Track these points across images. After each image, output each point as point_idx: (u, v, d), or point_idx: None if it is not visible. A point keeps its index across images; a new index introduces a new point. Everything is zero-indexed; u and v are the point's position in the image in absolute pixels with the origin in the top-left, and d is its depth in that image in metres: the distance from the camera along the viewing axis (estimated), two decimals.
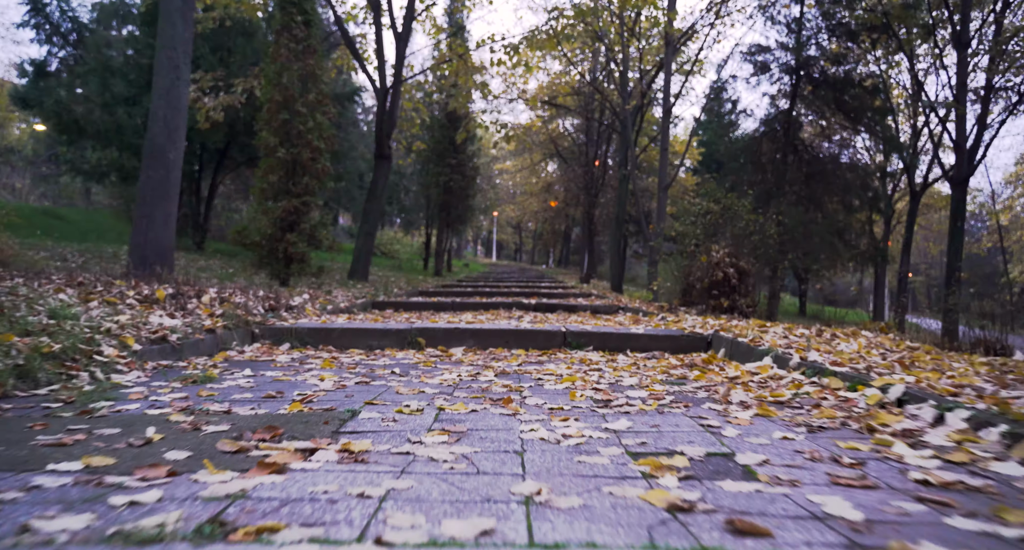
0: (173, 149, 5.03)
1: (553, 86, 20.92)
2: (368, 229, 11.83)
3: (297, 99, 7.99)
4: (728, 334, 4.20)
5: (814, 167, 15.87)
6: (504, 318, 6.09)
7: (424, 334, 4.42)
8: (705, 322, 5.53)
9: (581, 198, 21.97)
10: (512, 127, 13.98)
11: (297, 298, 6.71)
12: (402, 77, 12.15)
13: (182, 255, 11.15)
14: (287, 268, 8.01)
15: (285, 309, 5.00)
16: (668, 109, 11.30)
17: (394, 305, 8.10)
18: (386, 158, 12.11)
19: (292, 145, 7.96)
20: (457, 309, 8.17)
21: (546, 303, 8.32)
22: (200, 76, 10.50)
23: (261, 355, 3.76)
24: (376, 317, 5.64)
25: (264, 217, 7.75)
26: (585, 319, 6.29)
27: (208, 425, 1.79)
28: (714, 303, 7.61)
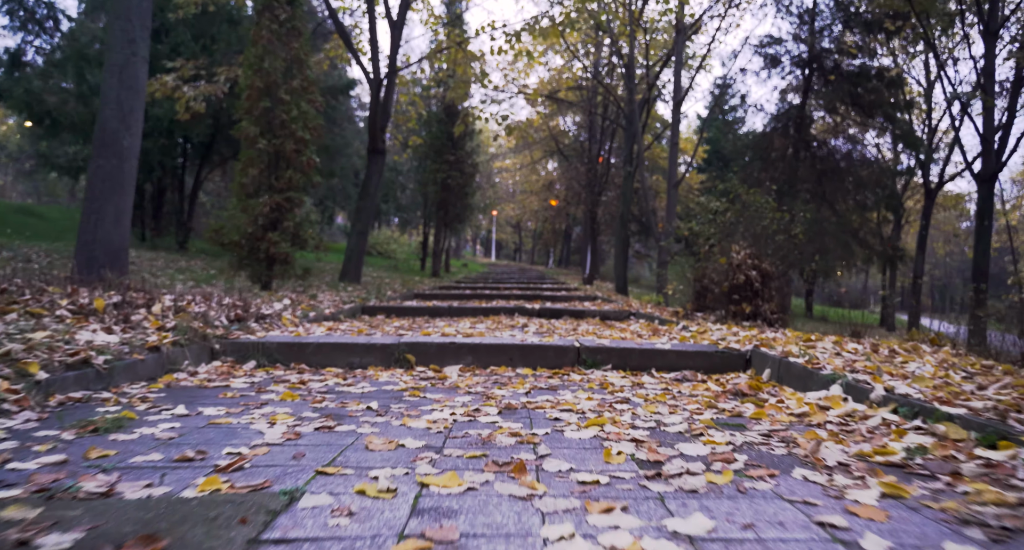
0: (128, 136, 4.38)
1: (554, 81, 20.28)
2: (361, 228, 11.18)
3: (280, 86, 7.34)
4: (771, 351, 3.55)
5: (827, 164, 15.24)
6: (506, 328, 5.45)
7: (414, 350, 3.77)
8: (732, 332, 4.89)
9: (583, 196, 21.33)
10: (514, 120, 13.34)
11: (276, 304, 6.06)
12: (397, 67, 11.49)
13: (162, 255, 10.50)
14: (269, 270, 7.36)
15: (255, 319, 4.35)
16: (678, 102, 10.65)
17: (386, 310, 7.45)
18: (380, 153, 11.46)
19: (274, 136, 7.31)
20: (454, 315, 7.53)
21: (551, 308, 7.68)
22: (181, 64, 9.85)
23: (215, 378, 3.12)
24: (361, 328, 4.99)
25: (243, 214, 7.10)
26: (596, 328, 5.65)
27: (53, 530, 1.14)
28: (735, 309, 6.96)
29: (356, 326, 5.36)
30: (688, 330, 5.16)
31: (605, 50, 18.75)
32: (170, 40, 10.78)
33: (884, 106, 14.35)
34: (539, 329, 5.35)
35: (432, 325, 5.88)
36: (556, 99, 18.91)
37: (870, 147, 19.43)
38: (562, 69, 19.44)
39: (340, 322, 6.05)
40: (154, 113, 10.38)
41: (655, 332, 5.19)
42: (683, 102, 10.77)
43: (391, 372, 3.52)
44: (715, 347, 3.85)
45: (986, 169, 10.65)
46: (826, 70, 15.41)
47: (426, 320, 6.53)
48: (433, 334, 4.47)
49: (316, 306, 6.36)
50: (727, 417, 2.36)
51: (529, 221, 36.80)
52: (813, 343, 3.94)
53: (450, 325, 5.91)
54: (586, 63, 17.81)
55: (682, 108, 28.81)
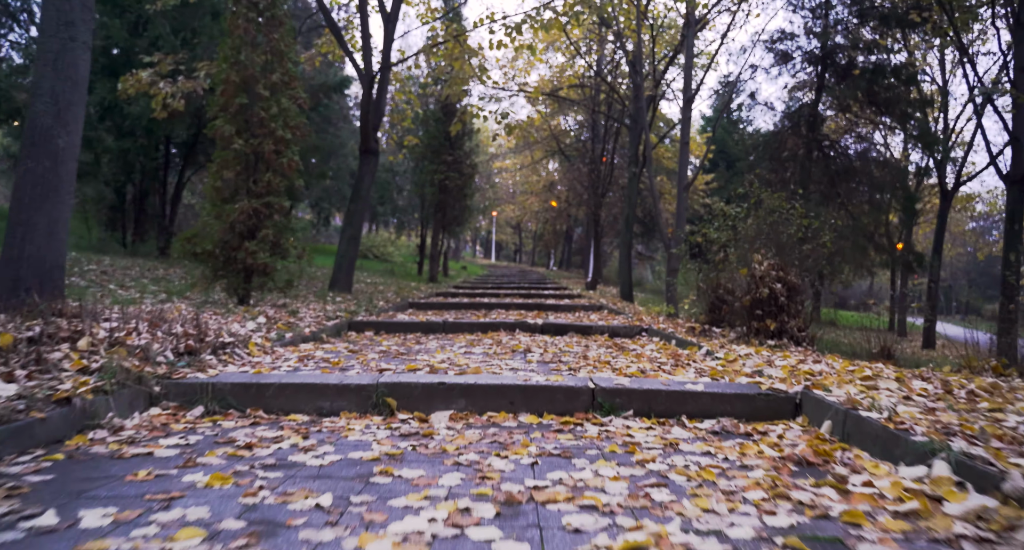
0: (64, 134, 3.74)
1: (556, 79, 19.63)
2: (352, 233, 10.54)
3: (259, 80, 6.70)
4: (828, 396, 2.91)
5: (841, 164, 14.60)
6: (507, 351, 4.81)
7: (397, 392, 3.13)
8: (765, 359, 4.26)
9: (584, 197, 20.69)
10: (514, 118, 12.71)
11: (249, 323, 5.43)
12: (390, 62, 10.86)
13: (140, 263, 9.85)
14: (247, 283, 6.72)
15: (213, 349, 3.71)
16: (689, 99, 10.01)
17: (375, 326, 6.82)
18: (373, 153, 10.82)
19: (252, 135, 6.68)
20: (449, 331, 6.89)
21: (555, 323, 7.04)
22: (159, 59, 9.20)
23: (142, 437, 2.49)
24: (337, 361, 4.35)
25: (217, 222, 6.46)
26: (607, 350, 5.00)
27: None
28: (758, 325, 6.32)
29: (338, 349, 4.72)
30: (713, 356, 4.52)
31: (609, 46, 18.11)
32: (149, 33, 10.16)
33: (901, 104, 13.72)
34: (543, 355, 4.71)
35: (423, 347, 5.25)
36: (558, 97, 18.28)
37: (881, 146, 18.81)
38: (564, 66, 18.81)
39: (321, 343, 5.42)
40: (131, 111, 9.76)
41: (676, 359, 4.55)
42: (694, 99, 10.12)
43: (366, 422, 2.89)
44: (756, 387, 3.21)
45: (1016, 170, 10.02)
46: (840, 66, 14.78)
47: (417, 340, 5.90)
48: (420, 367, 3.83)
49: (295, 325, 5.73)
50: (809, 519, 1.72)
51: (529, 222, 36.17)
52: (873, 381, 3.30)
53: (444, 347, 5.28)
54: (589, 60, 17.18)
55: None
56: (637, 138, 15.01)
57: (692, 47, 10.22)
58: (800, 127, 14.99)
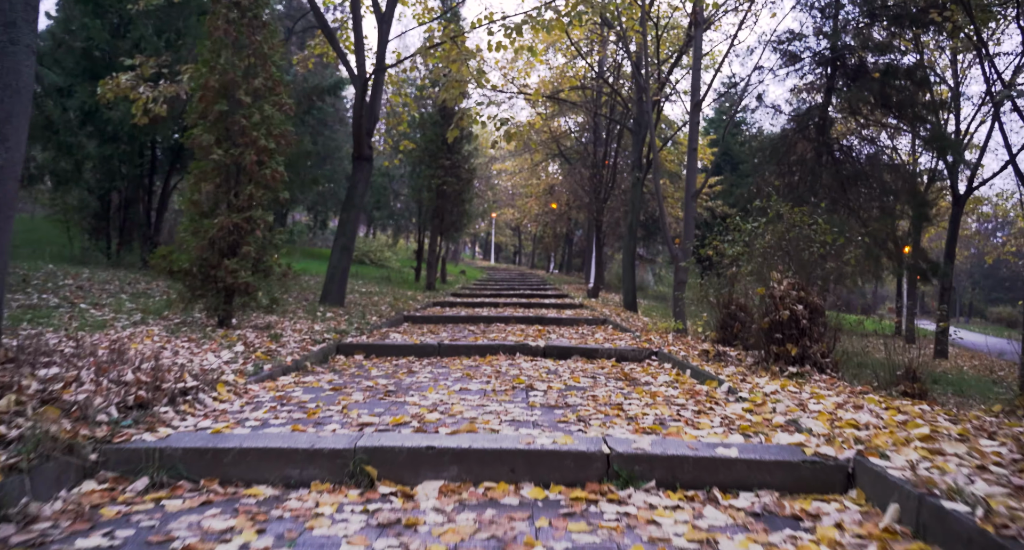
0: (3, 150, 3.27)
1: (556, 81, 19.15)
2: (345, 243, 10.07)
3: (240, 85, 6.23)
4: (891, 469, 2.44)
5: (852, 169, 14.13)
6: (507, 390, 4.33)
7: (378, 457, 2.67)
8: (798, 404, 3.79)
9: (585, 200, 20.22)
10: (513, 124, 12.24)
11: (225, 352, 4.96)
12: (385, 64, 10.39)
13: (121, 276, 9.38)
14: (227, 304, 6.25)
15: (171, 397, 3.24)
16: (697, 103, 9.55)
17: (365, 349, 6.36)
18: (366, 159, 10.35)
19: (233, 144, 6.21)
20: (445, 354, 6.43)
21: (558, 345, 6.57)
22: (141, 61, 8.74)
23: (57, 534, 2.02)
24: (315, 409, 3.88)
25: (194, 238, 5.99)
26: (619, 389, 4.53)
27: None
28: (777, 350, 5.86)
29: (320, 384, 4.23)
30: (737, 396, 4.05)
31: (611, 47, 17.65)
32: (131, 35, 9.69)
33: (915, 106, 13.25)
34: (547, 393, 4.24)
35: (415, 379, 4.78)
36: (558, 99, 17.80)
37: (890, 150, 18.37)
38: (565, 67, 18.34)
39: (304, 374, 4.95)
40: (111, 116, 9.28)
41: (694, 398, 4.08)
42: (702, 103, 9.65)
43: (339, 499, 2.42)
44: (799, 451, 2.74)
45: None
46: (850, 68, 14.31)
47: (410, 368, 5.43)
48: (408, 419, 3.36)
49: (276, 353, 5.25)
50: None
51: (529, 225, 35.69)
52: (935, 442, 2.83)
53: (437, 379, 4.81)
54: (590, 61, 16.71)
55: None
56: (640, 141, 14.55)
57: (700, 48, 9.76)
58: (808, 130, 14.53)
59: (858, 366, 6.92)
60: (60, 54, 9.67)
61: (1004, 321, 44.73)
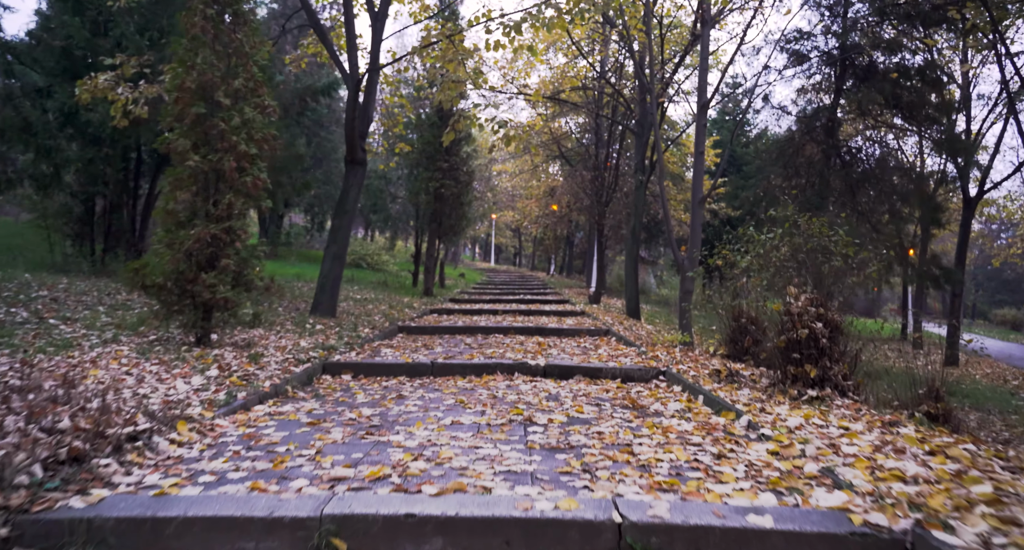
0: None
1: (557, 81, 18.73)
2: (336, 251, 9.65)
3: (219, 86, 5.82)
4: (960, 547, 2.04)
5: (862, 172, 13.72)
6: (503, 426, 3.92)
7: (348, 527, 2.27)
8: (829, 444, 3.39)
9: (586, 203, 19.80)
10: (512, 126, 11.83)
11: (196, 377, 4.56)
12: (379, 64, 9.98)
13: (99, 286, 8.97)
14: (205, 321, 5.84)
15: (117, 444, 2.83)
16: (704, 104, 9.13)
17: (353, 369, 5.95)
18: (359, 163, 9.94)
19: (212, 150, 5.80)
20: (439, 374, 6.02)
21: (559, 364, 6.16)
22: (121, 61, 8.33)
23: None
24: (282, 457, 3.47)
25: (168, 250, 5.58)
26: (627, 422, 4.11)
27: None
28: (795, 371, 5.45)
29: (298, 416, 3.80)
30: (760, 433, 3.64)
31: (613, 46, 17.24)
32: (113, 33, 9.28)
33: (927, 107, 12.84)
34: (547, 429, 3.83)
35: (403, 408, 4.37)
36: (559, 100, 17.39)
37: (898, 152, 17.97)
38: (566, 67, 17.93)
39: (283, 401, 4.54)
40: (90, 118, 8.88)
41: (711, 434, 3.66)
42: (709, 104, 9.25)
43: None
44: (844, 519, 2.33)
45: None
46: (859, 67, 13.90)
47: (399, 392, 5.02)
48: (388, 471, 2.94)
49: (253, 377, 4.84)
50: None
51: (529, 227, 35.27)
52: (1003, 506, 2.42)
53: (428, 408, 4.40)
54: (592, 61, 16.29)
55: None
56: (644, 144, 14.15)
57: (707, 47, 9.35)
58: (815, 132, 14.12)
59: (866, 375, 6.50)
60: (39, 53, 9.26)
61: (1009, 324, 44.30)
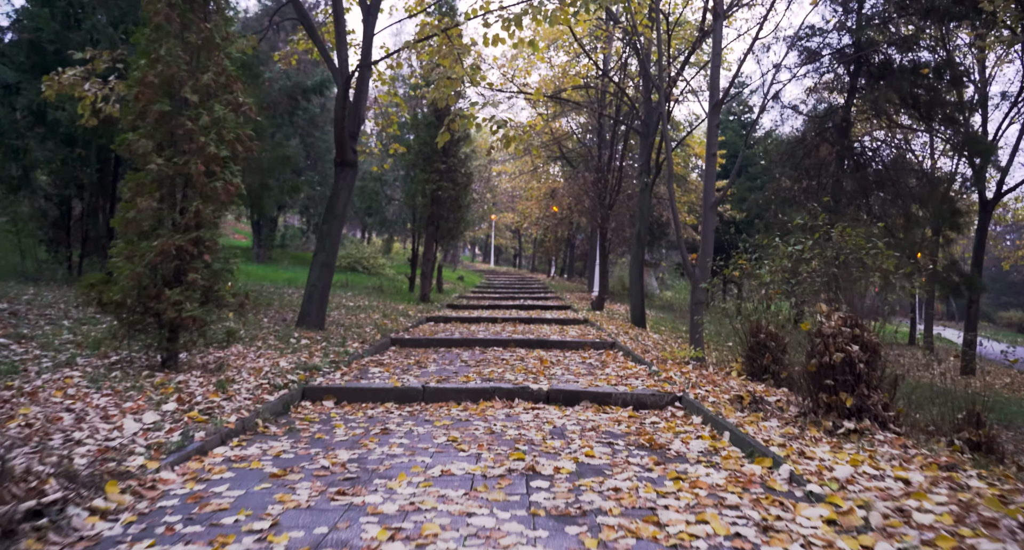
0: None
1: (558, 80, 18.16)
2: (324, 258, 9.07)
3: (185, 81, 5.24)
4: None
5: (878, 174, 13.14)
6: (501, 477, 3.33)
7: None
8: (862, 474, 2.82)
9: (587, 205, 19.22)
10: (512, 126, 11.25)
11: (150, 413, 3.98)
12: (371, 60, 9.39)
13: (68, 296, 8.37)
14: (171, 342, 5.26)
15: (9, 528, 2.24)
16: (717, 103, 8.56)
17: (336, 394, 5.38)
18: (349, 165, 9.36)
19: (178, 152, 5.22)
20: (431, 400, 5.44)
21: (564, 389, 5.57)
22: (92, 55, 7.75)
23: None
24: (232, 523, 2.87)
25: (128, 264, 5.00)
26: (646, 470, 3.53)
27: None
28: (828, 399, 4.87)
29: (262, 464, 3.19)
30: (809, 493, 3.05)
31: (616, 45, 16.66)
32: (85, 26, 8.70)
33: (945, 106, 12.27)
34: (553, 482, 3.25)
35: (386, 450, 3.78)
36: (560, 100, 16.81)
37: (911, 153, 17.42)
38: (569, 65, 17.35)
39: (247, 442, 3.95)
40: (59, 117, 8.30)
41: (748, 490, 3.08)
42: (722, 104, 8.66)
43: None
44: None
45: None
46: (874, 65, 13.33)
47: (384, 425, 4.43)
48: (361, 545, 2.35)
49: (217, 410, 4.25)
50: None
51: (530, 228, 34.68)
52: None
53: (414, 451, 3.82)
54: (595, 57, 15.71)
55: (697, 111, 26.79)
56: (649, 144, 13.58)
57: (720, 42, 8.77)
58: (828, 132, 13.55)
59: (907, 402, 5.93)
60: (7, 48, 8.68)
61: (1015, 326, 43.69)
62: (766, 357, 6.90)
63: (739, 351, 7.36)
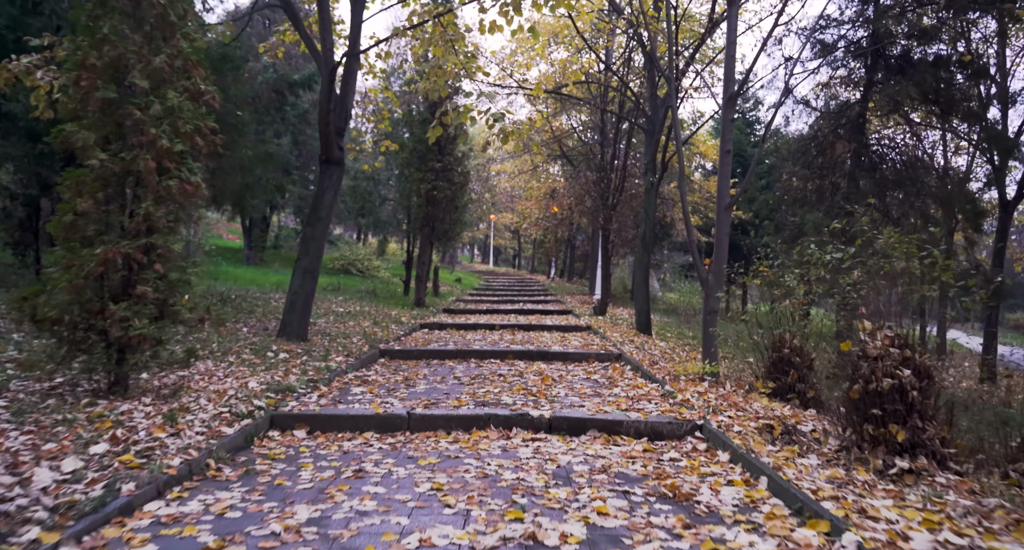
0: None
1: (559, 77, 17.48)
2: (308, 264, 8.39)
3: (134, 65, 4.56)
4: None
5: (898, 174, 12.46)
6: (494, 544, 2.66)
7: None
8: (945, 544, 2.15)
9: (588, 204, 18.53)
10: (510, 122, 10.60)
11: (71, 460, 3.34)
12: (358, 49, 8.72)
13: None
14: (119, 364, 4.58)
15: None
16: (732, 96, 7.88)
17: (310, 421, 4.71)
18: (335, 163, 8.69)
19: (125, 146, 4.54)
20: (416, 429, 4.77)
21: (568, 417, 4.89)
22: (50, 41, 7.07)
23: None
24: None
25: (66, 274, 4.33)
26: (673, 532, 2.85)
27: None
28: (875, 431, 4.20)
29: (201, 529, 2.53)
30: None
31: (620, 39, 15.98)
32: (44, 9, 8.02)
33: (969, 101, 11.62)
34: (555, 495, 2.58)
35: (357, 499, 3.11)
36: (561, 95, 16.13)
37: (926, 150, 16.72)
38: (569, 60, 16.67)
39: (190, 493, 3.28)
40: (12, 109, 7.64)
41: None
42: (738, 97, 7.99)
43: None
44: None
45: None
46: (891, 59, 12.65)
47: (359, 465, 3.76)
48: None
49: (159, 450, 3.58)
50: None
51: (529, 229, 33.99)
52: None
53: (391, 492, 3.15)
54: (597, 50, 15.03)
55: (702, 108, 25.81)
56: (655, 142, 12.92)
57: (735, 29, 8.09)
58: (843, 129, 12.87)
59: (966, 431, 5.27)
60: None
61: (1022, 328, 43.06)
62: (791, 374, 6.23)
63: (759, 366, 6.70)
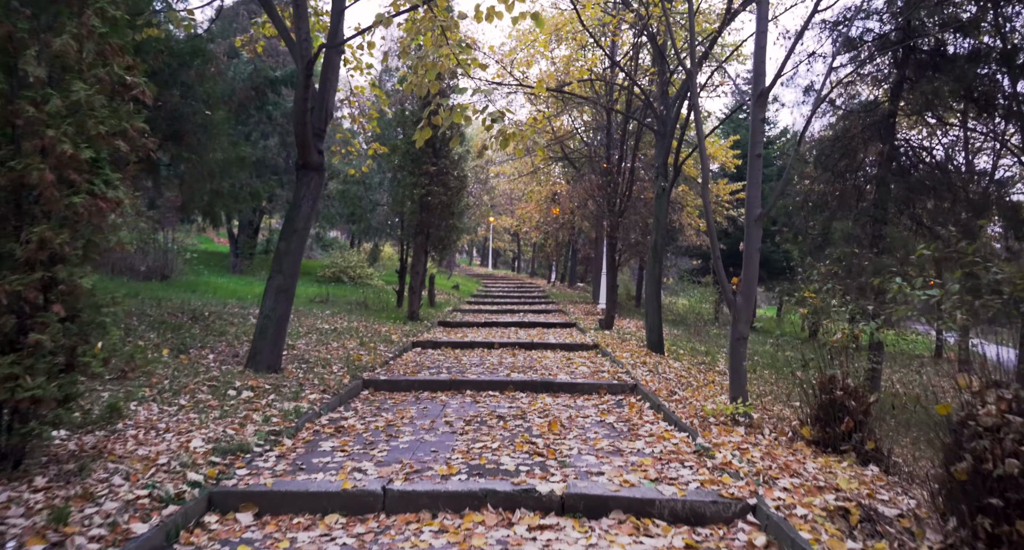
0: None
1: (562, 74, 16.46)
2: (281, 283, 7.37)
3: (25, 48, 3.56)
4: None
5: (931, 176, 11.48)
6: None
7: None
8: None
9: (592, 208, 17.53)
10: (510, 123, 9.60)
11: None
12: (339, 40, 7.72)
13: None
14: (7, 433, 3.57)
15: None
16: (763, 91, 6.89)
17: (258, 500, 3.70)
18: (314, 168, 7.70)
19: (16, 152, 3.54)
20: (393, 511, 3.76)
21: (587, 494, 3.87)
22: None
23: None
24: None
25: None
26: None
27: None
28: (994, 528, 3.20)
29: None
30: None
31: (628, 34, 14.97)
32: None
33: (1013, 99, 10.64)
34: None
35: None
36: (564, 94, 15.13)
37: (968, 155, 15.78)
38: (573, 56, 15.67)
39: None
40: None
41: None
42: (769, 93, 6.98)
43: None
44: None
45: None
46: (923, 54, 11.67)
47: (342, 521, 2.75)
48: None
49: None
50: None
51: (529, 232, 32.98)
52: None
53: None
54: (604, 45, 14.02)
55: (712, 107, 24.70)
56: (666, 145, 11.93)
57: (766, 16, 7.09)
58: (871, 129, 11.87)
59: None
60: None
61: None
62: (846, 422, 5.23)
63: (804, 409, 5.70)
